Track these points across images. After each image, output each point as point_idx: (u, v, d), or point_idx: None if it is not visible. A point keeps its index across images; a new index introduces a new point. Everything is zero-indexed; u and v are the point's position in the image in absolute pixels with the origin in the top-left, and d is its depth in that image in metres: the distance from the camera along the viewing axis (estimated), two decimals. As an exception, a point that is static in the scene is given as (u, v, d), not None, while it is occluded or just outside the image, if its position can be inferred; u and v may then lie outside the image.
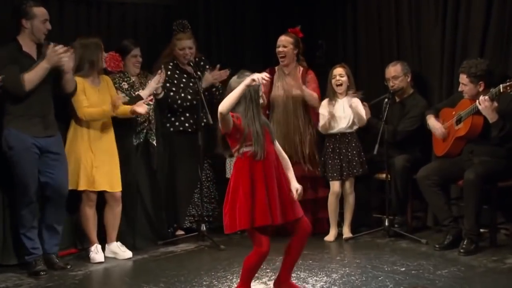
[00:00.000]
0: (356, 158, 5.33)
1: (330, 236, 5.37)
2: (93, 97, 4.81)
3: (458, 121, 5.01)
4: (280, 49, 5.47)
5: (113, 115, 4.85)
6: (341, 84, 5.34)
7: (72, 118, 4.84)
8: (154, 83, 5.06)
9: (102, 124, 4.87)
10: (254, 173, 3.57)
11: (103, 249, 4.92)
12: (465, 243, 4.78)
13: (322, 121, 5.38)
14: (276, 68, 5.62)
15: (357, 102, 5.29)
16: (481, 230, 4.91)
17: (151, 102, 5.18)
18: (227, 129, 3.57)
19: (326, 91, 5.47)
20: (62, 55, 4.39)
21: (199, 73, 5.36)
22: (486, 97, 4.67)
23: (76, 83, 4.67)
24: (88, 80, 4.82)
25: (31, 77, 4.35)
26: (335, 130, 5.37)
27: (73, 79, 4.62)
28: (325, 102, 5.41)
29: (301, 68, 5.54)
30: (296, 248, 3.81)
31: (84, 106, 4.75)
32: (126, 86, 5.13)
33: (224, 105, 3.49)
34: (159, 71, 5.19)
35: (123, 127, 5.06)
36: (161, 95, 5.27)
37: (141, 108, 4.86)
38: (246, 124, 3.56)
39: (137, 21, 5.84)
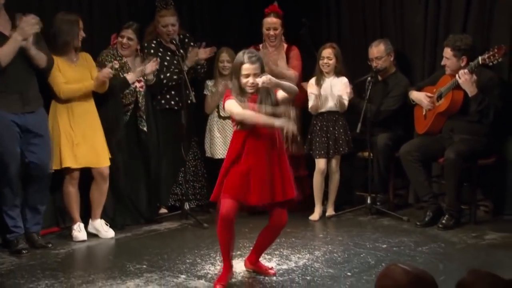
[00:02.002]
0: (343, 137, 5.34)
1: (315, 215, 5.39)
2: (69, 74, 4.75)
3: (439, 97, 5.05)
4: (272, 32, 5.46)
5: (93, 89, 4.84)
6: (328, 66, 5.34)
7: (52, 97, 4.78)
8: (140, 68, 5.01)
9: (81, 100, 4.81)
10: (239, 150, 3.65)
11: (86, 226, 4.91)
12: (445, 218, 4.85)
13: (311, 102, 5.39)
14: (261, 46, 5.60)
15: (343, 89, 5.29)
16: (462, 207, 4.97)
17: (141, 89, 5.15)
18: None
19: (310, 69, 5.47)
20: (35, 25, 4.28)
21: (181, 51, 5.32)
22: (466, 70, 4.71)
23: (48, 58, 4.56)
24: (63, 58, 4.76)
25: (5, 51, 4.26)
26: (322, 109, 5.37)
27: (38, 54, 4.47)
28: (312, 81, 5.40)
29: (285, 45, 5.54)
30: (268, 237, 3.92)
31: (60, 83, 4.70)
32: (117, 66, 5.07)
33: (242, 117, 3.59)
34: (155, 59, 5.15)
35: (110, 107, 5.02)
36: (152, 82, 5.23)
37: (102, 73, 4.80)
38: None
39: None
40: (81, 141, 4.78)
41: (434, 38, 5.49)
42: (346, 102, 5.32)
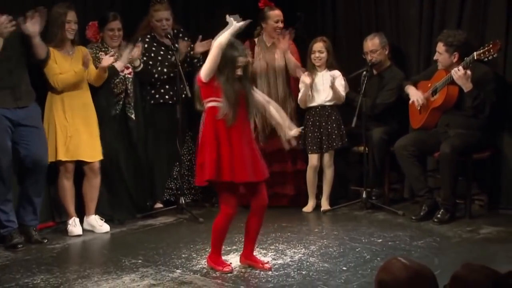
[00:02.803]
0: (336, 131, 5.34)
1: (308, 207, 5.42)
2: (65, 66, 4.74)
3: (434, 92, 5.05)
4: (280, 24, 5.47)
5: (86, 75, 4.81)
6: (320, 60, 5.34)
7: (48, 89, 4.77)
8: (127, 54, 5.02)
9: (77, 92, 4.80)
10: (219, 129, 3.74)
11: (81, 222, 4.90)
12: (440, 212, 4.86)
13: (300, 94, 5.39)
14: (256, 40, 5.59)
15: (338, 81, 5.29)
16: (457, 201, 4.98)
17: (129, 76, 5.14)
18: (210, 73, 3.71)
19: (304, 64, 5.46)
20: (6, 25, 4.27)
21: (176, 45, 5.31)
22: (460, 66, 4.71)
23: (47, 49, 4.58)
24: (60, 50, 4.75)
25: None
26: (315, 103, 5.37)
27: (42, 44, 4.50)
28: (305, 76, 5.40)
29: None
30: (254, 223, 3.94)
31: (55, 74, 4.69)
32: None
33: (220, 40, 3.72)
34: (137, 43, 5.13)
35: (102, 98, 5.01)
36: (139, 68, 5.21)
37: (105, 61, 4.82)
38: (220, 82, 3.73)
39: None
40: (74, 134, 4.77)
41: (429, 32, 5.48)
42: (343, 93, 5.32)
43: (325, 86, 5.32)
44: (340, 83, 5.34)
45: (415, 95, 5.13)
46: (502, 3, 5.07)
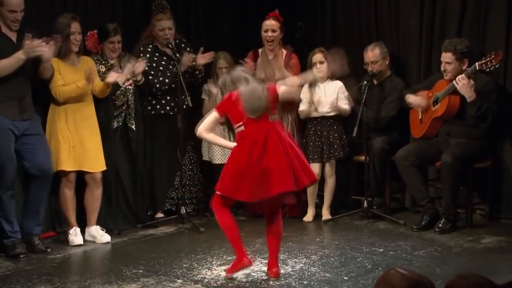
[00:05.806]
0: (338, 141, 5.34)
1: (309, 217, 5.41)
2: (69, 76, 4.76)
3: (435, 102, 5.05)
4: (270, 34, 5.46)
5: (90, 89, 4.82)
6: (322, 70, 5.36)
7: (50, 100, 4.79)
8: (129, 68, 5.02)
9: (80, 103, 4.81)
10: None
11: (82, 232, 4.90)
12: (441, 222, 4.85)
13: (302, 106, 5.40)
14: (260, 51, 5.60)
15: (340, 93, 5.32)
16: (458, 210, 4.97)
17: (130, 87, 5.15)
18: None
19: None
20: (38, 49, 4.35)
21: (178, 55, 5.33)
22: (463, 75, 4.72)
23: (53, 69, 4.63)
24: (65, 61, 4.77)
25: (5, 65, 4.34)
26: (317, 114, 5.38)
27: (50, 67, 4.58)
28: (305, 87, 5.41)
29: (284, 52, 5.55)
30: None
31: (58, 85, 4.71)
32: (104, 70, 5.07)
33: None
34: (140, 59, 5.14)
35: (102, 110, 5.03)
36: (141, 82, 5.23)
37: (110, 77, 4.82)
38: None
39: (114, 0, 5.75)
40: (78, 144, 4.78)
41: (429, 41, 5.50)
42: (346, 106, 5.33)
43: (327, 97, 5.33)
44: (344, 95, 5.35)
45: (416, 102, 5.13)
46: (502, 13, 5.09)
